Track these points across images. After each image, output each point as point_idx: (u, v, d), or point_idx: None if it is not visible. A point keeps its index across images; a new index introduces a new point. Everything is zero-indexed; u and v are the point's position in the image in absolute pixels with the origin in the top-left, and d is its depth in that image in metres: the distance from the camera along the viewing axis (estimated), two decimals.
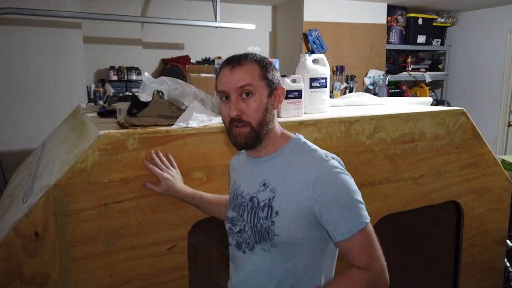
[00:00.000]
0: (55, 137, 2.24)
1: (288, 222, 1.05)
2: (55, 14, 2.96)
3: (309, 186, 1.03)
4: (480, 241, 2.03)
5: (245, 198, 1.14)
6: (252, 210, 1.11)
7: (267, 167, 1.12)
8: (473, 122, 1.92)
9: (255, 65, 1.07)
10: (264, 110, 1.06)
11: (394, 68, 4.72)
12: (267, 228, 1.07)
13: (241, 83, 1.05)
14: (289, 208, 1.05)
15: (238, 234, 1.15)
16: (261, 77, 1.06)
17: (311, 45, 4.09)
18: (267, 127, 1.08)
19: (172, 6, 4.05)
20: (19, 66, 3.22)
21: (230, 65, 1.07)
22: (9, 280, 1.17)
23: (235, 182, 1.22)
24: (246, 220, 1.11)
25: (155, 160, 1.32)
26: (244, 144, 1.08)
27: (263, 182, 1.11)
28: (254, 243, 1.11)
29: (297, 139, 1.14)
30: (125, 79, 3.74)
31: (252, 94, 1.05)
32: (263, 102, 1.06)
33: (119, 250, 1.31)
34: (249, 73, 1.05)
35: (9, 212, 1.41)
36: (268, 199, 1.08)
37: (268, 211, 1.07)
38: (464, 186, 1.94)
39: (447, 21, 4.87)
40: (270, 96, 1.08)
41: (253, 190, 1.12)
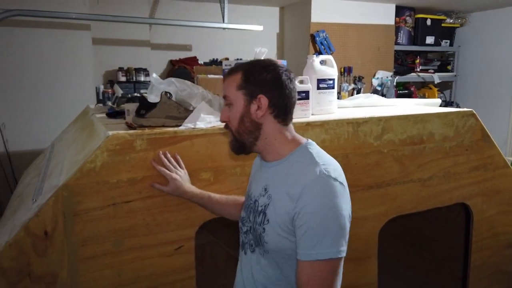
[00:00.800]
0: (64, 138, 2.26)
1: (275, 232, 1.05)
2: (65, 16, 2.99)
3: (292, 201, 1.01)
4: (489, 244, 2.01)
5: (252, 200, 1.16)
6: (254, 213, 1.12)
7: (272, 172, 1.12)
8: (483, 124, 1.91)
9: (239, 74, 1.08)
10: (240, 120, 1.08)
11: (402, 69, 4.69)
12: (259, 234, 1.09)
13: (223, 93, 1.12)
14: (277, 218, 1.04)
15: (245, 234, 1.17)
16: (239, 87, 1.08)
17: (319, 46, 4.08)
18: (249, 136, 1.09)
19: (180, 8, 4.07)
20: (29, 68, 3.26)
21: (224, 75, 1.16)
22: (19, 279, 1.19)
23: (250, 182, 1.25)
24: (251, 222, 1.13)
25: (163, 160, 1.33)
26: (231, 149, 1.14)
27: (265, 187, 1.12)
28: (255, 246, 1.13)
29: (304, 147, 1.10)
30: (133, 80, 3.77)
31: (231, 104, 1.10)
32: (239, 112, 1.08)
33: (127, 250, 1.32)
34: (230, 84, 1.09)
35: (19, 211, 1.43)
36: (264, 205, 1.09)
37: (263, 217, 1.08)
38: (473, 188, 1.92)
39: (456, 22, 4.83)
40: (248, 105, 1.07)
41: (257, 193, 1.14)
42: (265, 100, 1.07)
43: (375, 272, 1.74)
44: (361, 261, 1.70)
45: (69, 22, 3.31)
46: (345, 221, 1.00)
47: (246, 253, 1.17)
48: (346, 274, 1.10)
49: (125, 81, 3.73)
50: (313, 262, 0.98)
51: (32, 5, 2.99)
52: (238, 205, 1.32)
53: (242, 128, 1.09)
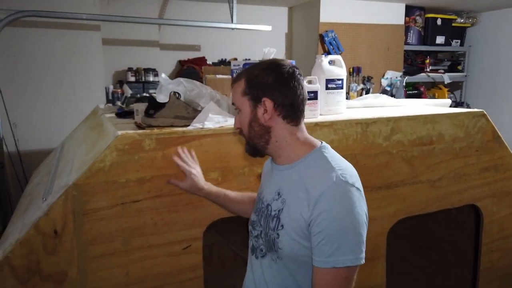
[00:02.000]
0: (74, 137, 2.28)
1: (290, 238, 1.03)
2: (75, 16, 3.02)
3: (309, 207, 0.99)
4: (500, 246, 1.98)
5: (264, 204, 1.15)
6: (266, 218, 1.11)
7: (284, 176, 1.10)
8: (494, 124, 1.88)
9: (243, 80, 1.09)
10: (249, 124, 1.10)
11: (412, 69, 4.65)
12: (273, 240, 1.07)
13: (232, 100, 1.15)
14: (292, 223, 1.03)
15: (256, 238, 1.16)
16: (243, 93, 1.09)
17: (328, 46, 4.07)
18: (260, 140, 1.10)
19: (188, 8, 4.09)
20: (39, 68, 3.30)
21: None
22: (29, 277, 1.20)
23: (261, 185, 1.24)
24: (263, 226, 1.12)
25: (183, 156, 1.33)
26: (247, 152, 1.15)
27: (278, 191, 1.10)
28: (266, 251, 1.12)
29: (318, 151, 1.08)
30: (142, 80, 3.79)
31: (240, 111, 1.12)
32: (247, 118, 1.10)
33: (135, 249, 1.33)
34: (236, 91, 1.11)
35: (29, 210, 1.44)
36: (278, 209, 1.08)
37: (276, 222, 1.07)
38: (484, 190, 1.90)
39: (467, 22, 4.78)
40: (255, 110, 1.08)
41: (270, 198, 1.13)
42: (270, 102, 1.06)
43: (383, 273, 1.73)
44: (370, 262, 1.68)
45: (79, 22, 3.35)
46: (363, 228, 0.99)
47: (257, 257, 1.15)
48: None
49: (134, 81, 3.76)
50: (330, 269, 0.97)
51: (43, 6, 3.02)
52: (253, 202, 1.31)
53: (252, 133, 1.10)
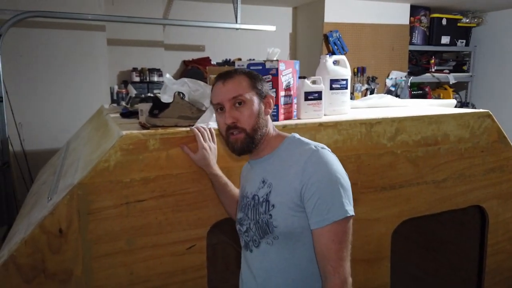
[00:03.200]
0: (79, 137, 2.29)
1: (284, 213, 1.10)
2: (81, 17, 3.04)
3: (297, 176, 1.09)
4: (505, 247, 1.97)
5: (249, 198, 1.22)
6: (254, 207, 1.18)
7: (266, 165, 1.20)
8: (499, 125, 1.87)
9: (244, 77, 1.17)
10: (257, 116, 1.16)
11: (416, 70, 4.63)
12: (266, 222, 1.13)
13: (233, 93, 1.15)
14: (283, 199, 1.11)
15: (246, 233, 1.22)
16: (250, 87, 1.16)
17: (332, 46, 4.06)
18: (261, 131, 1.17)
19: (193, 9, 4.09)
20: (45, 68, 3.32)
21: (222, 79, 1.17)
22: (34, 275, 1.21)
23: (242, 186, 1.31)
24: (251, 217, 1.19)
25: (201, 129, 1.36)
26: (241, 149, 1.17)
27: (262, 179, 1.19)
28: (259, 239, 1.17)
29: (291, 137, 1.21)
30: (147, 80, 3.80)
31: (244, 103, 1.15)
32: (255, 109, 1.16)
33: (139, 249, 1.33)
34: (239, 84, 1.16)
35: (35, 209, 1.45)
36: (265, 194, 1.15)
37: (266, 205, 1.14)
38: (489, 191, 1.89)
39: (472, 22, 4.75)
40: (260, 103, 1.18)
41: (255, 189, 1.20)
42: (273, 99, 1.22)
43: (387, 273, 1.73)
44: (374, 262, 1.69)
45: (85, 23, 3.36)
46: (347, 183, 1.11)
47: (252, 250, 1.20)
48: (359, 275, 1.10)
49: (138, 81, 3.77)
50: (330, 226, 1.05)
51: (48, 6, 3.04)
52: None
53: (258, 124, 1.16)
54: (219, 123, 1.21)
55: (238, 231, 1.27)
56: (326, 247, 1.06)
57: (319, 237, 1.07)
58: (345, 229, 1.07)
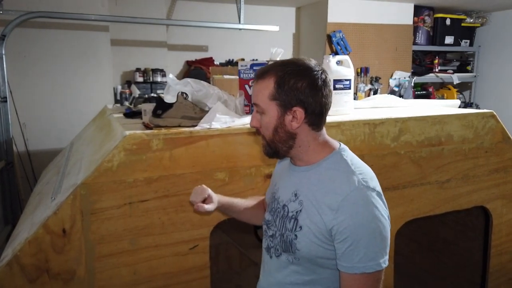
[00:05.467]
0: (82, 137, 2.30)
1: (309, 240, 1.02)
2: (84, 17, 3.05)
3: (331, 212, 0.98)
4: (509, 248, 1.96)
5: (280, 205, 1.13)
6: (282, 219, 1.10)
7: (302, 177, 1.08)
8: (503, 125, 1.86)
9: (272, 81, 1.01)
10: (274, 130, 1.03)
11: (420, 70, 4.62)
12: (290, 241, 1.06)
13: (255, 100, 1.06)
14: (311, 226, 1.02)
15: (271, 238, 1.14)
16: (271, 97, 1.01)
17: (335, 46, 4.05)
18: (283, 145, 1.05)
19: (196, 9, 4.10)
20: (48, 68, 3.33)
21: (255, 77, 1.06)
22: (38, 275, 1.21)
23: (275, 185, 1.20)
24: (278, 227, 1.11)
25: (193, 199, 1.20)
26: (265, 153, 1.10)
27: (295, 192, 1.08)
28: (281, 251, 1.10)
29: (338, 154, 1.07)
30: (150, 80, 3.81)
31: (262, 113, 1.04)
32: (272, 123, 1.03)
33: (142, 249, 1.34)
34: (262, 91, 1.02)
35: (38, 209, 1.46)
36: (295, 211, 1.06)
37: (294, 223, 1.05)
38: (493, 191, 1.88)
39: (476, 22, 4.73)
40: (282, 116, 1.02)
41: (286, 198, 1.11)
42: (301, 112, 1.01)
43: (391, 274, 1.72)
44: None
45: (88, 23, 3.38)
46: (387, 232, 0.99)
47: (272, 257, 1.13)
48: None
49: (142, 81, 3.77)
50: (360, 275, 0.97)
51: (52, 7, 3.06)
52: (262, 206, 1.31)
53: (276, 138, 1.04)
54: None
55: (264, 231, 1.19)
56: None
57: (345, 282, 1.00)
58: (375, 280, 0.98)
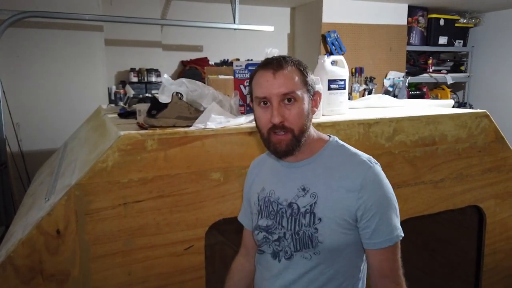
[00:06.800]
0: (76, 138, 2.29)
1: (332, 229, 1.03)
2: (78, 17, 3.03)
3: (354, 193, 1.02)
4: (503, 247, 1.98)
5: (282, 205, 1.10)
6: (292, 217, 1.07)
7: (306, 171, 1.09)
8: (496, 125, 1.88)
9: (295, 69, 1.04)
10: (306, 117, 1.05)
11: (414, 70, 4.65)
12: (310, 236, 1.04)
13: (285, 89, 1.01)
14: (332, 214, 1.03)
15: (276, 242, 1.10)
16: (303, 83, 1.04)
17: (330, 46, 4.06)
18: (306, 133, 1.06)
19: (191, 9, 4.09)
20: (42, 68, 3.31)
21: (271, 69, 1.03)
22: (32, 276, 1.20)
23: (263, 189, 1.16)
24: (287, 227, 1.08)
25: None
26: (285, 151, 1.04)
27: (302, 187, 1.08)
28: (293, 252, 1.07)
29: (334, 142, 1.12)
30: (145, 80, 3.80)
31: (295, 101, 1.03)
32: (305, 109, 1.04)
33: (137, 249, 1.33)
34: (292, 78, 1.03)
35: (32, 210, 1.45)
36: (309, 204, 1.05)
37: (311, 217, 1.04)
38: (487, 191, 1.89)
39: (470, 22, 4.77)
40: (310, 102, 1.07)
41: (291, 196, 1.09)
42: (321, 96, 1.12)
43: None
44: None
45: (82, 23, 3.36)
46: (396, 200, 1.07)
47: (281, 261, 1.10)
48: None
49: (136, 81, 3.76)
50: (392, 246, 1.03)
51: (46, 7, 3.04)
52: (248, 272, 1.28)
53: (307, 125, 1.06)
54: (260, 119, 1.05)
55: (263, 239, 1.13)
56: (388, 266, 1.04)
57: (380, 257, 1.04)
58: (399, 247, 1.06)
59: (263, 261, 1.17)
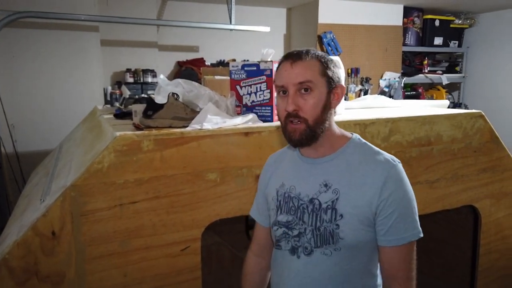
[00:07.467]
0: (72, 138, 2.28)
1: (353, 225, 1.03)
2: (74, 17, 3.02)
3: (376, 190, 1.03)
4: (498, 247, 1.99)
5: (303, 200, 1.10)
6: (314, 213, 1.07)
7: (328, 167, 1.09)
8: (491, 125, 1.89)
9: (316, 61, 1.05)
10: (322, 108, 1.05)
11: (410, 70, 4.66)
12: (331, 232, 1.04)
13: (301, 78, 1.03)
14: (354, 211, 1.03)
15: (296, 238, 1.10)
16: (321, 74, 1.05)
17: (326, 47, 4.07)
18: (323, 125, 1.06)
19: (187, 9, 4.09)
20: (38, 68, 3.29)
21: (290, 59, 1.05)
22: (27, 278, 1.20)
23: (282, 184, 1.16)
24: (308, 223, 1.08)
25: None
26: (298, 141, 1.06)
27: (324, 182, 1.08)
28: (313, 248, 1.07)
29: (356, 139, 1.13)
30: (141, 81, 3.79)
31: (311, 90, 1.04)
32: (322, 99, 1.05)
33: (133, 251, 1.33)
34: (310, 68, 1.04)
35: (27, 211, 1.44)
36: (331, 201, 1.06)
37: (332, 213, 1.05)
38: (482, 191, 1.90)
39: (465, 23, 4.79)
40: (329, 94, 1.06)
41: (313, 192, 1.09)
42: (343, 89, 1.10)
43: None
44: None
45: (78, 23, 3.35)
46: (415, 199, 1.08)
47: (300, 257, 1.09)
48: None
49: (132, 82, 3.75)
50: (406, 245, 1.04)
51: (41, 7, 3.02)
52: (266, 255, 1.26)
53: (322, 116, 1.05)
54: (279, 108, 1.08)
55: (283, 234, 1.12)
56: (398, 265, 1.04)
57: (391, 255, 1.04)
58: (414, 249, 1.06)
59: (279, 257, 1.15)
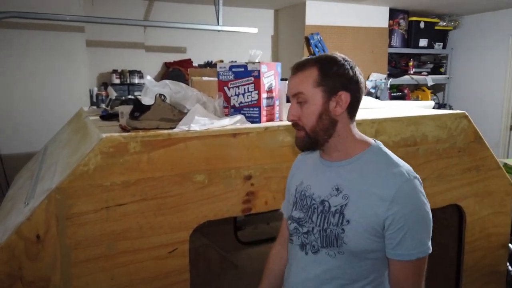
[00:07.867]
0: (57, 140, 2.25)
1: (358, 233, 1.04)
2: (59, 18, 2.98)
3: (384, 202, 1.02)
4: (482, 245, 2.02)
5: (316, 201, 1.13)
6: (323, 214, 1.10)
7: (341, 171, 1.10)
8: (475, 126, 1.92)
9: (314, 70, 1.06)
10: (318, 118, 1.06)
11: (396, 72, 4.72)
12: (336, 235, 1.06)
13: (294, 90, 1.08)
14: (361, 219, 1.04)
15: (305, 235, 1.14)
16: (316, 84, 1.06)
17: (313, 48, 4.09)
18: (324, 133, 1.08)
19: (174, 10, 4.07)
20: (22, 70, 3.24)
21: (292, 70, 1.10)
22: (11, 283, 1.18)
23: (301, 183, 1.20)
24: (316, 222, 1.11)
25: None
26: (301, 146, 1.12)
27: (336, 186, 1.09)
28: (319, 247, 1.10)
29: (376, 147, 1.12)
30: (127, 82, 3.76)
31: (305, 102, 1.07)
32: (316, 110, 1.06)
33: (120, 253, 1.32)
34: (304, 80, 1.06)
35: (11, 215, 1.41)
36: (340, 205, 1.07)
37: (340, 218, 1.06)
38: (466, 190, 1.93)
39: (449, 25, 4.87)
40: (327, 102, 1.06)
41: (325, 194, 1.11)
42: (347, 96, 1.07)
43: None
44: None
45: (63, 24, 3.30)
46: (431, 217, 1.07)
47: (308, 253, 1.13)
48: None
49: (119, 83, 3.72)
50: (414, 261, 1.03)
51: (26, 7, 2.98)
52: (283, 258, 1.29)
53: (319, 125, 1.07)
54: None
55: (294, 229, 1.17)
56: (405, 280, 1.05)
57: (399, 269, 1.05)
58: (424, 264, 1.06)
59: (292, 251, 1.20)
